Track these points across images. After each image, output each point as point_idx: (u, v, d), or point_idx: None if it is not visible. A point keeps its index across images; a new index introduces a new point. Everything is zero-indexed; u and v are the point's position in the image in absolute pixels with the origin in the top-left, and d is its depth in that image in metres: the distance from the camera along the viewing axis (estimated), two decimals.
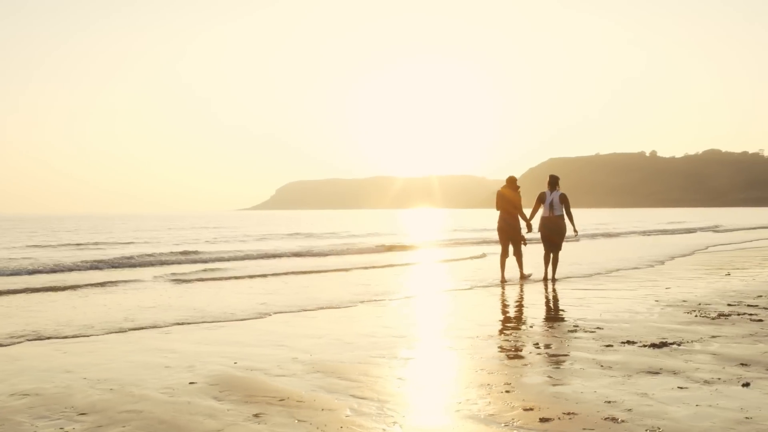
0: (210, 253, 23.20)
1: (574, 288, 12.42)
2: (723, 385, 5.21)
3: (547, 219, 13.52)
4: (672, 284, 12.49)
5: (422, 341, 7.42)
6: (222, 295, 12.16)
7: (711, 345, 6.77)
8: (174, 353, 6.95)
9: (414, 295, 11.94)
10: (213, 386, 5.53)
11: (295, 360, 6.48)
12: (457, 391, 5.22)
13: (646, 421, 4.36)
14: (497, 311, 9.65)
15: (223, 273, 16.34)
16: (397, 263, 19.49)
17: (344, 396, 5.15)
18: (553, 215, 13.46)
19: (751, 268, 15.67)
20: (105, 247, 28.84)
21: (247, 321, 9.09)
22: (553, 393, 5.06)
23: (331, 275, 16.05)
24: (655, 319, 8.57)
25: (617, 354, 6.45)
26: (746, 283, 12.31)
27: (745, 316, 8.48)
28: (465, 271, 16.87)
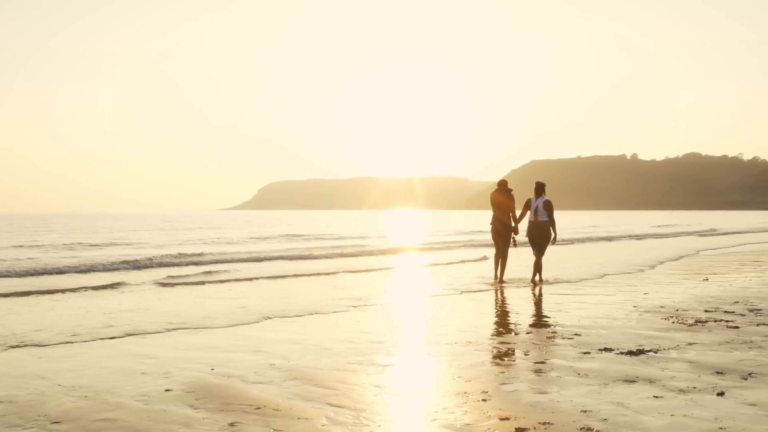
0: (198, 255, 23.06)
1: (556, 293, 12.48)
2: (698, 394, 5.23)
3: (533, 224, 14.14)
4: (651, 289, 12.56)
5: (401, 347, 7.40)
6: (203, 299, 12.10)
7: (687, 352, 6.81)
8: (151, 359, 6.90)
9: (395, 300, 11.94)
10: (189, 393, 5.49)
11: (272, 366, 6.45)
12: (434, 400, 5.21)
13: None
14: (477, 317, 9.64)
15: (209, 277, 16.28)
16: (385, 267, 19.49)
17: (321, 404, 5.13)
18: (538, 220, 14.05)
19: (729, 273, 15.78)
20: (92, 249, 28.35)
21: (226, 326, 9.04)
22: (530, 402, 5.07)
23: (316, 279, 16.01)
24: (632, 325, 8.61)
25: (594, 361, 6.47)
26: (723, 289, 12.40)
27: (722, 323, 8.54)
28: (452, 274, 16.91)
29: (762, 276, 14.98)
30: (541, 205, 14.09)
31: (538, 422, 4.59)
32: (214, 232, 50.04)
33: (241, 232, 50.39)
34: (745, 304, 10.23)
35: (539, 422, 4.59)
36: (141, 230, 53.33)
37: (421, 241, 34.67)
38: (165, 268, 18.52)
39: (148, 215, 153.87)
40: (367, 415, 4.85)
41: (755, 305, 10.13)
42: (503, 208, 14.56)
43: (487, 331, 8.31)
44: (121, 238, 39.48)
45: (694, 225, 63.39)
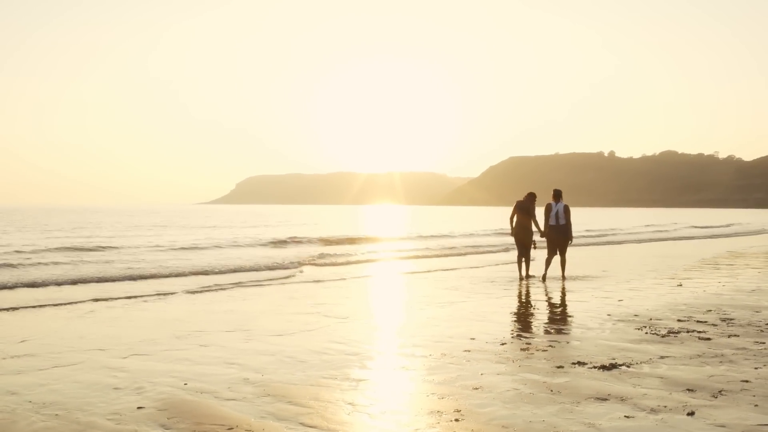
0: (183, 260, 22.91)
1: (536, 299, 12.54)
2: (668, 414, 5.28)
3: (554, 227, 15.76)
4: (625, 296, 12.64)
5: (375, 360, 7.39)
6: (178, 305, 12.07)
7: (659, 367, 6.86)
8: (123, 372, 6.84)
9: (375, 307, 11.96)
10: (161, 412, 5.46)
11: (246, 381, 6.42)
12: (407, 419, 5.22)
13: None
14: (453, 327, 9.58)
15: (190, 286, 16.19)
16: (372, 274, 19.49)
17: (293, 424, 5.12)
18: (559, 224, 15.72)
19: (703, 278, 15.91)
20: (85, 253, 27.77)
21: (202, 334, 8.99)
22: (502, 423, 5.09)
23: (302, 286, 15.99)
24: (606, 336, 8.67)
25: (567, 376, 6.51)
26: (697, 296, 12.50)
27: (694, 334, 8.61)
28: (452, 281, 16.94)
29: (735, 281, 15.13)
30: (562, 210, 15.70)
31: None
32: (207, 231, 49.63)
33: (232, 228, 49.99)
34: (718, 313, 10.32)
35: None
36: (131, 228, 52.85)
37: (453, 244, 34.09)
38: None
39: (129, 210, 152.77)
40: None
41: (727, 314, 10.23)
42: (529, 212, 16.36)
43: (461, 342, 8.29)
44: (122, 235, 39.11)
45: (687, 224, 63.84)
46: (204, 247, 26.71)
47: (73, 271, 17.08)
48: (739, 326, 9.17)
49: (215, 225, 55.68)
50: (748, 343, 8.03)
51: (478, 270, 18.78)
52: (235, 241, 29.87)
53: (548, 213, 15.85)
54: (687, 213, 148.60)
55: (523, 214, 16.39)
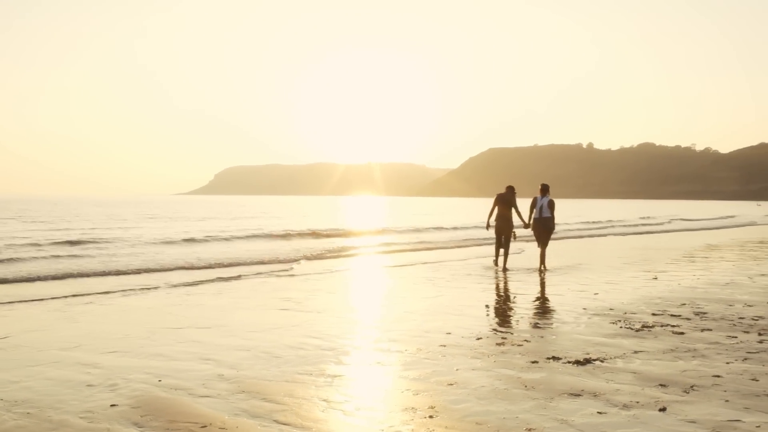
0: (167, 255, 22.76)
1: (513, 293, 12.59)
2: (640, 409, 5.32)
3: (538, 219, 16.43)
4: (601, 289, 12.72)
5: (350, 355, 7.39)
6: (155, 300, 12.01)
7: (633, 362, 6.92)
8: (97, 368, 6.79)
9: (353, 301, 11.97)
10: (135, 409, 5.43)
11: (220, 377, 6.40)
12: (382, 416, 5.23)
13: None
14: (429, 321, 9.57)
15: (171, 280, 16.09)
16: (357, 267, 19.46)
17: (267, 421, 5.11)
18: (542, 216, 16.38)
19: (678, 271, 16.04)
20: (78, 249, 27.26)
21: (179, 329, 8.94)
22: (476, 419, 5.11)
23: (286, 280, 15.95)
24: (581, 330, 8.72)
25: (542, 371, 6.54)
26: (672, 289, 12.61)
27: (668, 328, 8.69)
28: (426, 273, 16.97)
29: (710, 274, 15.27)
30: (546, 204, 16.33)
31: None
32: (199, 224, 49.27)
33: (222, 221, 49.63)
34: (692, 307, 10.42)
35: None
36: (117, 221, 52.37)
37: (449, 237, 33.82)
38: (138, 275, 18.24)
39: (109, 201, 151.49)
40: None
41: (701, 308, 10.32)
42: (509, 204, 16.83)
43: (436, 337, 8.31)
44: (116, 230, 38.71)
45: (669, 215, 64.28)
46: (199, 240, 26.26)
47: (52, 265, 16.88)
48: (712, 320, 9.26)
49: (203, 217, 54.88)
50: (721, 337, 8.12)
51: (457, 263, 18.81)
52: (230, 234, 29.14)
53: (533, 206, 16.52)
54: (677, 205, 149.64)
55: (504, 205, 16.88)
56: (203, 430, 4.94)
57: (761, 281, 13.72)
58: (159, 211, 72.28)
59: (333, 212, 75.65)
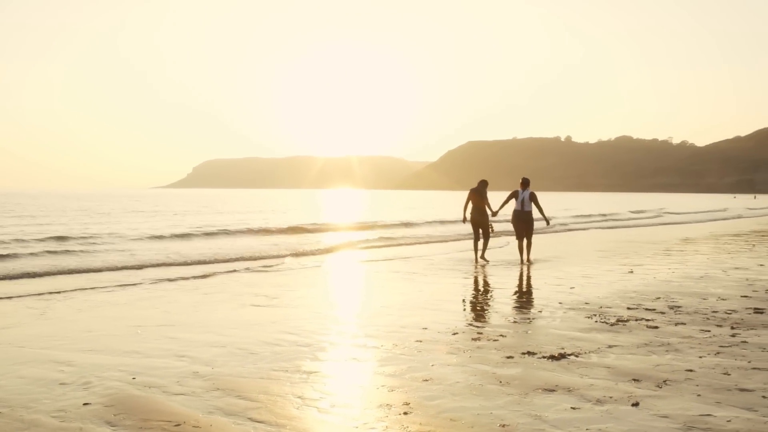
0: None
1: (490, 287, 12.63)
2: (614, 404, 5.36)
3: (518, 213, 16.79)
4: (577, 283, 12.80)
5: (326, 351, 7.37)
6: (131, 296, 11.95)
7: (607, 356, 6.96)
8: (70, 366, 6.74)
9: (331, 297, 11.97)
10: (108, 408, 5.39)
11: (195, 375, 6.37)
12: (356, 413, 5.23)
13: None
14: (406, 316, 9.56)
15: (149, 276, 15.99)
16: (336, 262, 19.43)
17: (242, 419, 5.09)
18: (524, 210, 16.73)
19: (654, 264, 16.16)
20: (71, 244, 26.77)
21: (156, 325, 8.89)
22: (450, 416, 5.12)
23: (266, 276, 15.90)
24: (557, 324, 8.77)
25: (517, 367, 6.57)
26: (647, 282, 12.70)
27: (642, 322, 8.75)
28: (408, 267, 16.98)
29: (685, 267, 15.39)
30: (527, 197, 16.70)
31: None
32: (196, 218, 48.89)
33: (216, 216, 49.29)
34: (666, 301, 10.50)
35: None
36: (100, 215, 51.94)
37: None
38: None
39: (88, 195, 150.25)
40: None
41: (676, 301, 10.41)
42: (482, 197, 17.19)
43: (413, 332, 8.32)
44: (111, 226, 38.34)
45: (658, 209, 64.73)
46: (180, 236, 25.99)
47: (30, 261, 16.70)
48: (686, 314, 9.34)
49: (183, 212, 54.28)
50: (694, 331, 8.19)
51: (435, 257, 18.86)
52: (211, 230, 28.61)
53: (514, 199, 16.97)
54: (657, 198, 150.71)
55: (478, 197, 17.24)
56: (177, 428, 4.91)
57: (735, 274, 13.86)
58: (139, 205, 71.73)
59: (313, 206, 75.51)
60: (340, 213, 55.52)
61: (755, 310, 9.55)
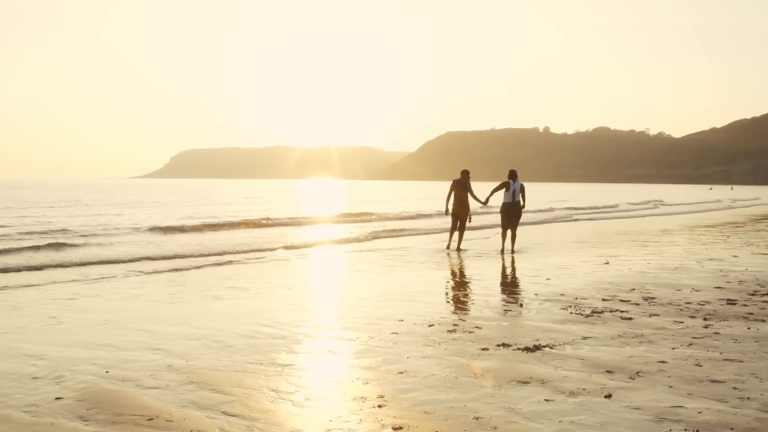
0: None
1: (467, 279, 12.65)
2: (587, 396, 5.40)
3: (509, 204, 17.30)
4: (554, 274, 12.86)
5: (302, 344, 7.36)
6: (107, 289, 11.87)
7: (581, 348, 7.01)
8: (43, 359, 6.68)
9: (308, 289, 11.95)
10: (80, 402, 5.35)
11: (170, 368, 6.34)
12: (330, 406, 5.22)
13: None
14: (382, 308, 9.54)
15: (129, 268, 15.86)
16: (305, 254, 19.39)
17: (215, 413, 5.08)
18: (515, 200, 17.30)
19: (629, 256, 16.27)
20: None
21: (131, 318, 8.83)
22: (425, 408, 5.13)
23: (243, 267, 15.83)
24: (532, 316, 8.82)
25: (492, 359, 6.60)
26: (622, 274, 12.79)
27: (617, 314, 8.82)
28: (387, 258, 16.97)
29: (660, 258, 15.52)
30: (518, 188, 17.30)
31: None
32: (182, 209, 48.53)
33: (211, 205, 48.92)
34: (641, 292, 10.58)
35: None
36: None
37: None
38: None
39: (66, 185, 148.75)
40: (261, 426, 4.82)
41: (650, 293, 10.50)
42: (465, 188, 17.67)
43: (389, 324, 8.32)
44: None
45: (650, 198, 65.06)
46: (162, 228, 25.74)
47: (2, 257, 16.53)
48: (660, 305, 9.42)
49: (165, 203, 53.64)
50: (668, 322, 8.26)
51: (414, 248, 18.85)
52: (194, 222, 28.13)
53: (505, 190, 17.48)
54: (637, 189, 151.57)
55: (460, 189, 17.71)
56: (150, 423, 4.89)
57: (709, 265, 13.99)
58: (119, 195, 71.08)
59: (294, 198, 75.21)
60: (321, 204, 55.40)
61: (728, 302, 9.66)
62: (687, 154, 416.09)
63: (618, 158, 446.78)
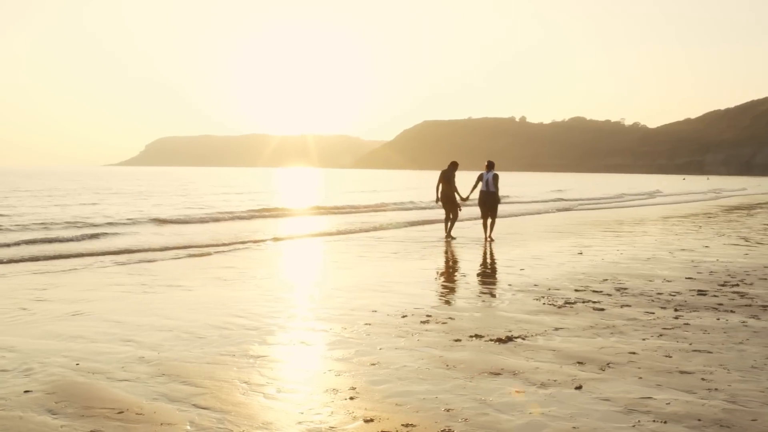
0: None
1: (440, 269, 12.67)
2: (557, 388, 5.44)
3: (484, 193, 17.96)
4: (527, 264, 12.92)
5: (275, 335, 7.34)
6: (79, 279, 11.78)
7: (553, 339, 7.05)
8: (12, 352, 6.60)
9: (283, 278, 11.94)
10: (50, 395, 5.30)
11: (141, 360, 6.29)
12: (302, 398, 5.22)
13: None
14: (356, 299, 9.54)
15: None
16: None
17: (186, 405, 5.05)
18: (489, 190, 17.88)
19: (602, 246, 16.38)
20: None
21: (103, 309, 8.76)
22: (396, 401, 5.14)
23: (222, 257, 15.74)
24: (505, 306, 8.86)
25: (464, 350, 6.62)
26: (595, 264, 12.88)
27: (589, 304, 8.88)
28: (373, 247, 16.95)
29: (633, 249, 15.64)
30: (491, 178, 17.88)
31: (401, 424, 4.66)
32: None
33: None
34: (613, 282, 10.67)
35: (402, 424, 4.67)
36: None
37: None
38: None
39: (42, 172, 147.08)
40: (232, 419, 4.81)
41: (622, 283, 10.58)
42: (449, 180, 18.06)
43: (362, 314, 8.32)
44: None
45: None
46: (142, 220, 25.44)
47: None
48: (631, 296, 9.50)
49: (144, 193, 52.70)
50: (639, 313, 8.34)
51: (390, 239, 18.88)
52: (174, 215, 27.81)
53: (479, 181, 18.02)
54: (615, 178, 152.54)
55: (446, 183, 18.12)
56: (119, 416, 4.86)
57: (681, 256, 14.13)
58: (98, 184, 70.20)
59: (273, 187, 74.82)
60: (300, 194, 55.22)
61: (698, 292, 9.76)
62: (662, 144, 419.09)
63: (594, 148, 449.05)
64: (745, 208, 36.20)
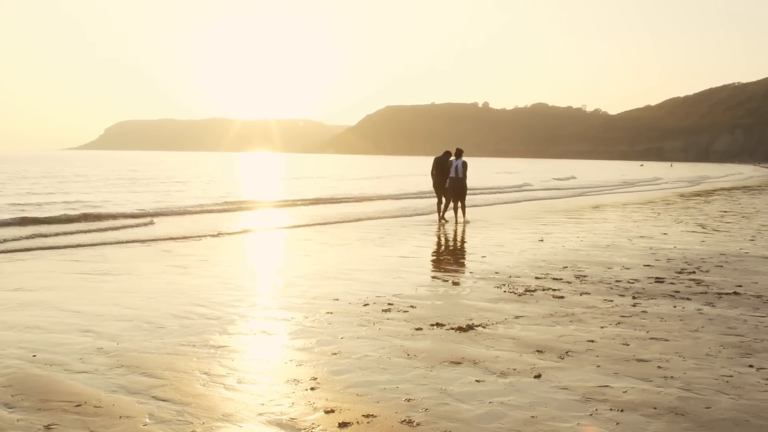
0: None
1: (403, 256, 12.69)
2: (517, 377, 5.49)
3: (454, 179, 19.21)
4: (489, 252, 13.00)
5: (236, 324, 7.29)
6: (35, 266, 11.60)
7: (513, 327, 7.12)
8: None
9: (247, 267, 11.87)
10: (5, 389, 5.22)
11: (99, 351, 6.22)
12: (263, 389, 5.21)
13: (440, 424, 4.53)
14: (318, 287, 9.51)
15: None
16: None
17: (145, 398, 5.01)
18: (458, 176, 19.12)
19: (563, 233, 16.54)
20: None
21: (61, 297, 8.63)
22: (357, 391, 5.15)
23: (181, 245, 15.59)
24: (466, 294, 8.92)
25: (425, 339, 6.65)
26: (555, 251, 13.00)
27: (549, 292, 8.97)
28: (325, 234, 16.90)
29: (592, 236, 15.81)
30: (460, 165, 19.13)
31: (362, 415, 4.68)
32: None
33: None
34: (573, 270, 10.78)
35: (363, 414, 4.68)
36: None
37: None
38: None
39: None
40: (192, 411, 4.78)
41: (582, 270, 10.70)
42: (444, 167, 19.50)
43: (323, 303, 8.31)
44: None
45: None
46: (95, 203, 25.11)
47: None
48: (591, 283, 9.62)
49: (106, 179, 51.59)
50: (598, 301, 8.44)
51: (353, 227, 18.89)
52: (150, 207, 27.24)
53: (449, 167, 19.31)
54: (576, 165, 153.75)
55: (438, 171, 19.60)
56: (78, 409, 4.80)
57: (639, 243, 14.32)
58: (61, 169, 68.91)
59: (236, 174, 74.24)
60: (267, 182, 54.86)
61: (656, 280, 9.91)
62: (622, 130, 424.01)
63: (555, 134, 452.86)
64: (703, 195, 36.78)
